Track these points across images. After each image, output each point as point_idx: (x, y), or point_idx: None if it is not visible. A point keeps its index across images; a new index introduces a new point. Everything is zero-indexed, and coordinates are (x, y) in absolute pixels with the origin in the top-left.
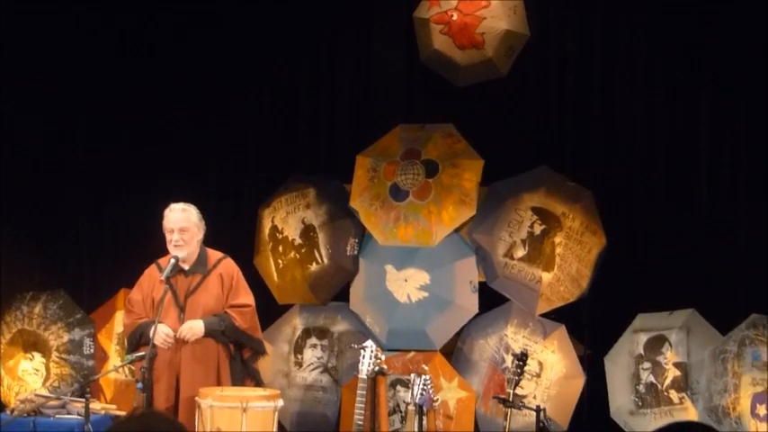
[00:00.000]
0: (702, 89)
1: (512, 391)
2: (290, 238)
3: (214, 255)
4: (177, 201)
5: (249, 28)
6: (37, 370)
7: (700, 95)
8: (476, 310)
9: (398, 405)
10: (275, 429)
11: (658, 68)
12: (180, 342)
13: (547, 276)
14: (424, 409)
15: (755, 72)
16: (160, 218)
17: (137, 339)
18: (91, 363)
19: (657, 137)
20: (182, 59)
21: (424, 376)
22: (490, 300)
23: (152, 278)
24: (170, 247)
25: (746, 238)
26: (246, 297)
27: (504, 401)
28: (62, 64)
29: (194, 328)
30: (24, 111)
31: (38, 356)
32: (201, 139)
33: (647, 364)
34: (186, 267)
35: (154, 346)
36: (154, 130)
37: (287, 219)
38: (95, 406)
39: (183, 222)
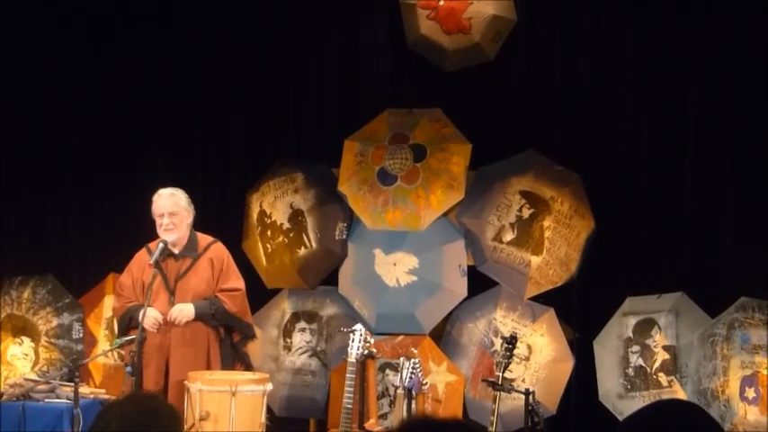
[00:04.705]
0: (690, 74)
1: (501, 375)
2: (279, 223)
3: (204, 239)
4: (165, 186)
5: (235, 11)
6: (26, 354)
7: (687, 80)
8: (464, 293)
9: (387, 389)
10: (264, 413)
11: (645, 53)
12: (169, 326)
13: (536, 260)
14: (413, 392)
15: (744, 53)
16: (148, 203)
17: (126, 323)
18: (80, 347)
19: (645, 120)
20: (168, 43)
21: (412, 360)
22: (479, 283)
23: (142, 262)
24: (160, 231)
25: (734, 221)
26: (237, 281)
27: (493, 385)
28: (46, 48)
29: (184, 310)
30: (8, 95)
31: (27, 341)
32: (189, 124)
33: (635, 348)
34: (176, 251)
35: (143, 329)
36: (140, 115)
37: (275, 203)
38: (84, 390)
39: (172, 207)
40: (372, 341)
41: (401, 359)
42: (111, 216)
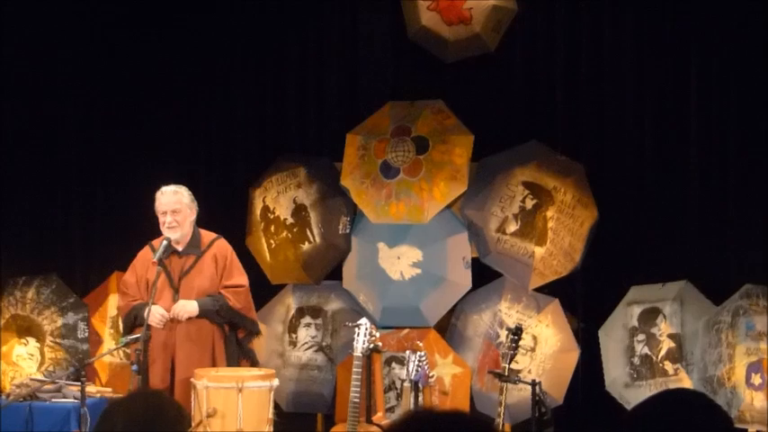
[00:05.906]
0: (692, 62)
1: (507, 366)
2: (282, 218)
3: (207, 235)
4: (168, 183)
5: (237, 7)
6: (31, 355)
7: (689, 68)
8: (469, 285)
9: (394, 382)
10: (271, 409)
11: (647, 42)
12: (174, 323)
13: (539, 251)
14: (420, 385)
15: (745, 40)
16: (151, 200)
17: (131, 321)
18: (85, 346)
19: (647, 110)
20: (170, 40)
21: (418, 353)
22: (483, 275)
23: (146, 260)
24: (163, 229)
25: (738, 209)
26: (240, 277)
27: (500, 376)
28: (50, 47)
29: (187, 306)
30: (12, 95)
31: (32, 341)
32: (191, 120)
33: (641, 336)
34: (180, 248)
35: (148, 327)
36: (143, 112)
37: (278, 198)
38: (91, 389)
39: (175, 204)
40: (378, 335)
41: (407, 352)
42: (114, 214)
